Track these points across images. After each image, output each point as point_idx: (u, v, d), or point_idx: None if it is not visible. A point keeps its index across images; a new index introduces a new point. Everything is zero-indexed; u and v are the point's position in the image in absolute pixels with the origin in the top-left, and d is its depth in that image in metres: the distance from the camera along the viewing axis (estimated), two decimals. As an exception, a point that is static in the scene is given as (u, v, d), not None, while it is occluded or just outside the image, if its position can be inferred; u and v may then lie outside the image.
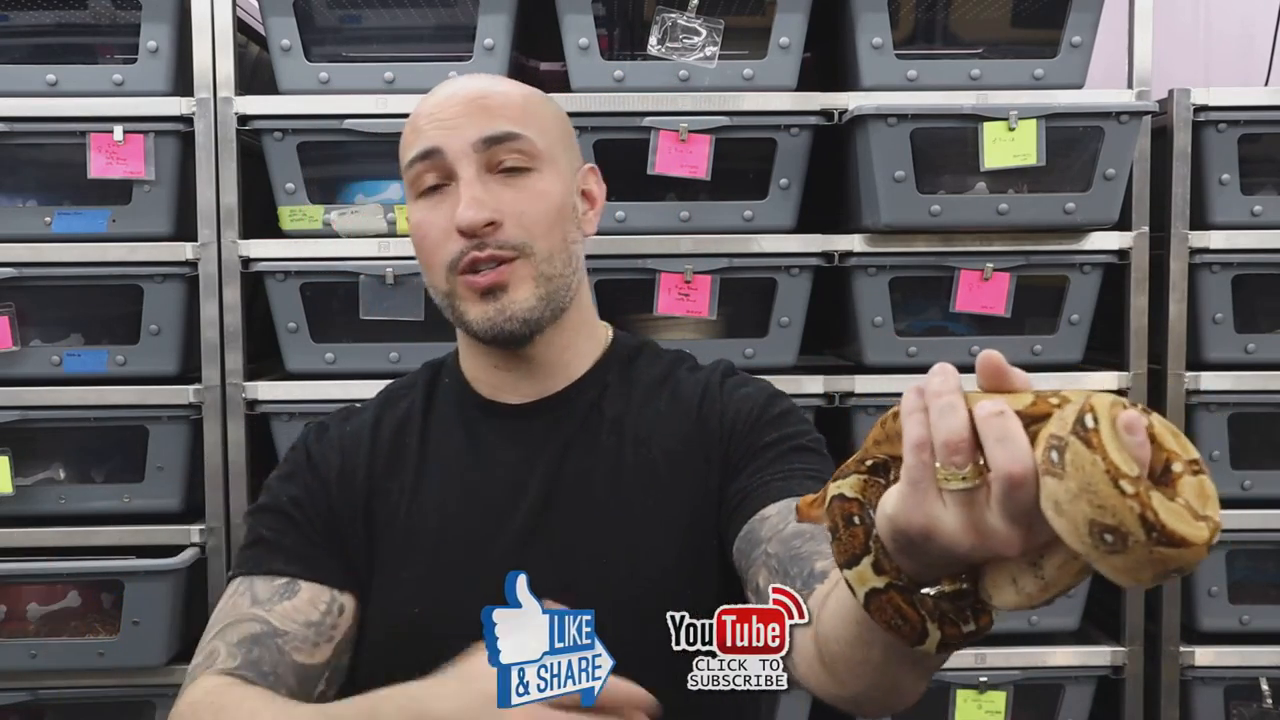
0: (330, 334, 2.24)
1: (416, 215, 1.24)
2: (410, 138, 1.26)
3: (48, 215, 2.20)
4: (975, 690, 2.25)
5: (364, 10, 2.27)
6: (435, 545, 1.24)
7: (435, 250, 1.22)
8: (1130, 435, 0.68)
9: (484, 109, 1.23)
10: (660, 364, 1.33)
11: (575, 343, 1.29)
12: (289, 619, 1.19)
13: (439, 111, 1.23)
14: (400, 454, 1.29)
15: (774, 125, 2.19)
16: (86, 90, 2.19)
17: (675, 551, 1.22)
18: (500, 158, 1.22)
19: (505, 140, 1.22)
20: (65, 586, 2.26)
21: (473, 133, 1.21)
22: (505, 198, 1.21)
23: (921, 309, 2.29)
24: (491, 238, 1.20)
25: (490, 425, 1.29)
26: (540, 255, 1.21)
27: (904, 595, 0.81)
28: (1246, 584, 2.35)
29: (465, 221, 1.18)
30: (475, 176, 1.21)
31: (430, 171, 1.23)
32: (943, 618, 0.82)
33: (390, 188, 2.25)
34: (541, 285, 1.22)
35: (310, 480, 1.28)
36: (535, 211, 1.21)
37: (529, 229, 1.21)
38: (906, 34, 2.34)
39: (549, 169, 1.24)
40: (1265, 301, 2.32)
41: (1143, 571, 0.69)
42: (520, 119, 1.24)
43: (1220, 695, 2.29)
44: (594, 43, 2.19)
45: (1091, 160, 2.17)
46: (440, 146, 1.22)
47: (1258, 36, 2.79)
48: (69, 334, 2.27)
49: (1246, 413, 2.28)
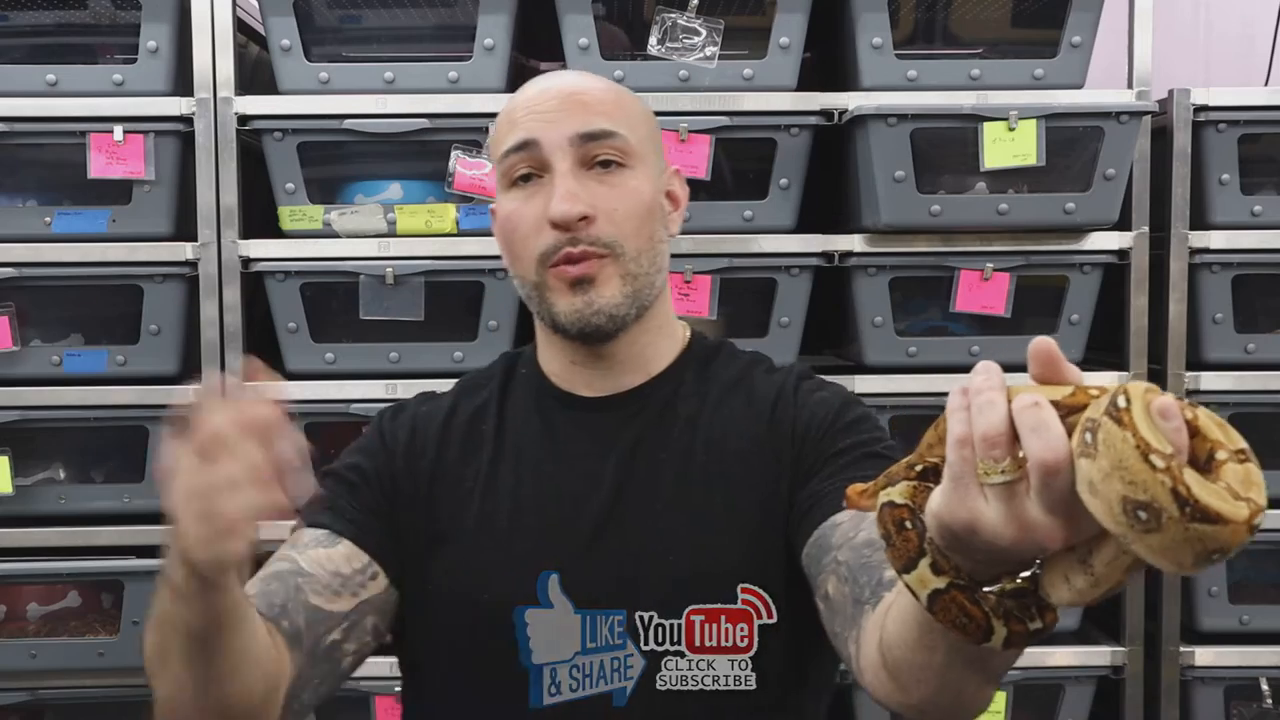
0: (330, 334, 2.24)
1: (508, 206, 1.25)
2: (505, 129, 1.25)
3: (48, 215, 2.20)
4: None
5: (364, 10, 2.27)
6: (509, 532, 1.25)
7: (526, 241, 1.22)
8: (1165, 420, 0.68)
9: (581, 104, 1.23)
10: (736, 365, 1.33)
11: (655, 341, 1.29)
12: (318, 564, 1.20)
13: (536, 104, 1.23)
14: (475, 440, 1.30)
15: (774, 125, 2.19)
16: (86, 90, 2.19)
17: (741, 552, 1.22)
18: (595, 153, 1.22)
19: (601, 137, 1.22)
20: (65, 586, 2.26)
21: (570, 127, 1.22)
22: (599, 193, 1.21)
23: (921, 309, 2.29)
24: (584, 233, 1.20)
25: (567, 416, 1.29)
26: (629, 254, 1.22)
27: (966, 593, 0.81)
28: (1246, 584, 2.35)
29: (559, 214, 1.19)
30: (570, 170, 1.21)
31: (524, 163, 1.23)
32: (1007, 615, 0.82)
33: (390, 188, 2.25)
34: (628, 284, 1.22)
35: (377, 454, 1.30)
36: (626, 209, 1.22)
37: (620, 226, 1.21)
38: (906, 34, 2.34)
39: (640, 167, 1.25)
40: (1265, 301, 2.32)
41: (1182, 552, 0.68)
42: (615, 116, 1.24)
43: (1220, 695, 2.29)
44: (594, 43, 2.19)
45: (1091, 160, 2.17)
46: (537, 138, 1.22)
47: (1258, 36, 2.79)
48: (69, 334, 2.27)
49: (1246, 413, 2.28)
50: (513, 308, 2.21)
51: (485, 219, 2.19)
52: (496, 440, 1.29)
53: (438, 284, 2.21)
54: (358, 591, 1.21)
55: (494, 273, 2.19)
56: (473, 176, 2.17)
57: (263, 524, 0.91)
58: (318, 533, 1.23)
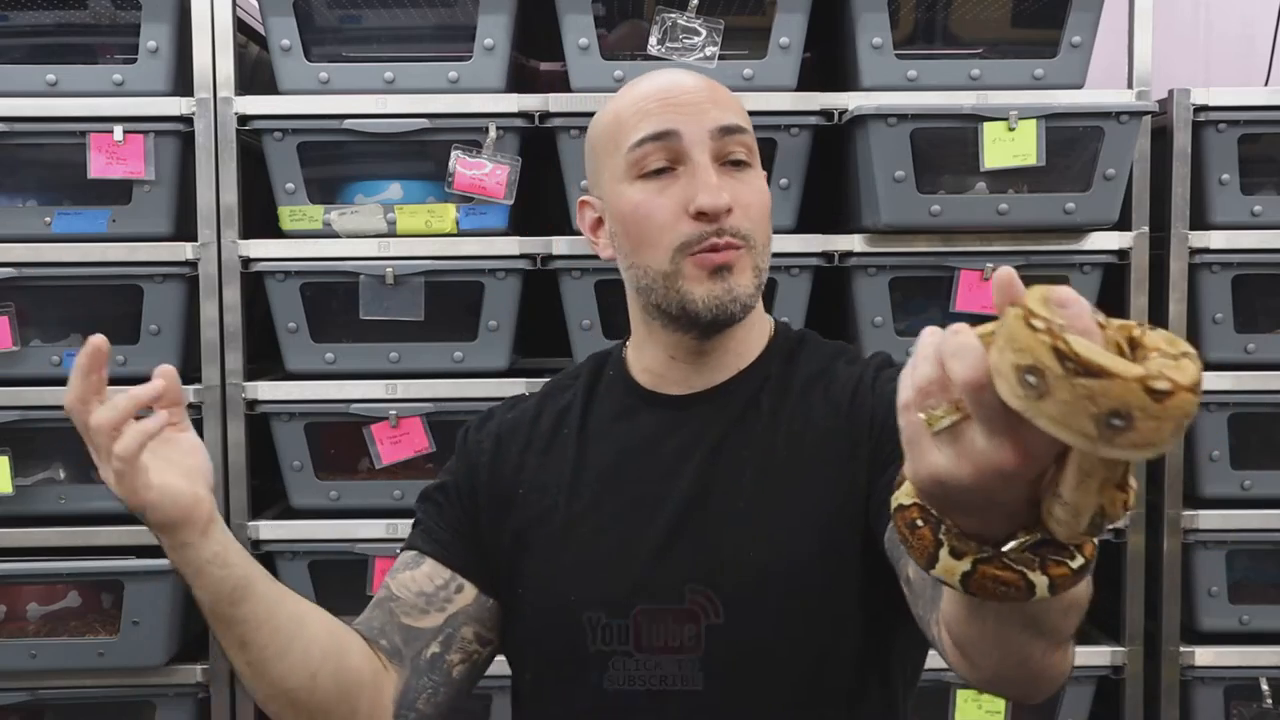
0: (330, 334, 2.24)
1: (638, 196, 1.24)
2: (632, 119, 1.25)
3: (48, 215, 2.20)
4: (975, 690, 2.25)
5: (364, 10, 2.27)
6: (593, 532, 1.27)
7: (662, 232, 1.23)
8: (1063, 308, 0.69)
9: (716, 100, 1.25)
10: (819, 356, 1.34)
11: (749, 336, 1.31)
12: (405, 587, 1.29)
13: (670, 95, 1.24)
14: (559, 444, 1.32)
15: (774, 125, 2.19)
16: (86, 90, 2.19)
17: (818, 546, 1.22)
18: (729, 149, 1.24)
19: (736, 132, 1.25)
20: (65, 586, 2.26)
21: (710, 120, 1.23)
22: (735, 188, 1.23)
23: (921, 309, 2.29)
24: (726, 223, 1.22)
25: (651, 414, 1.30)
26: (759, 248, 1.25)
27: (992, 564, 0.81)
28: (1246, 584, 2.35)
29: (711, 205, 1.20)
30: (710, 163, 1.23)
31: (660, 153, 1.23)
32: (1043, 563, 0.80)
33: (390, 188, 2.25)
34: (757, 276, 1.25)
35: (460, 470, 1.35)
36: (758, 205, 1.25)
37: (754, 221, 1.24)
38: (906, 34, 2.34)
39: (758, 167, 1.29)
40: (1265, 301, 2.32)
41: (1078, 417, 0.67)
42: (742, 114, 1.27)
43: (1220, 695, 2.29)
44: (594, 43, 2.19)
45: (1091, 160, 2.17)
46: (677, 129, 1.23)
47: (1258, 36, 2.79)
48: (69, 334, 2.27)
49: (1246, 413, 2.28)
50: (513, 308, 2.21)
51: (485, 219, 2.19)
52: (579, 445, 1.31)
53: (438, 284, 2.21)
54: (444, 606, 1.28)
55: (494, 273, 2.19)
56: (473, 176, 2.17)
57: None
58: (408, 555, 1.32)
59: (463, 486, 1.33)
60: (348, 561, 2.17)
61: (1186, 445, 2.28)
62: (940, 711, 2.27)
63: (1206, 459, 2.28)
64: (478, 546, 1.30)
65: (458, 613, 1.28)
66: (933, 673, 2.23)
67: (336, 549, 2.20)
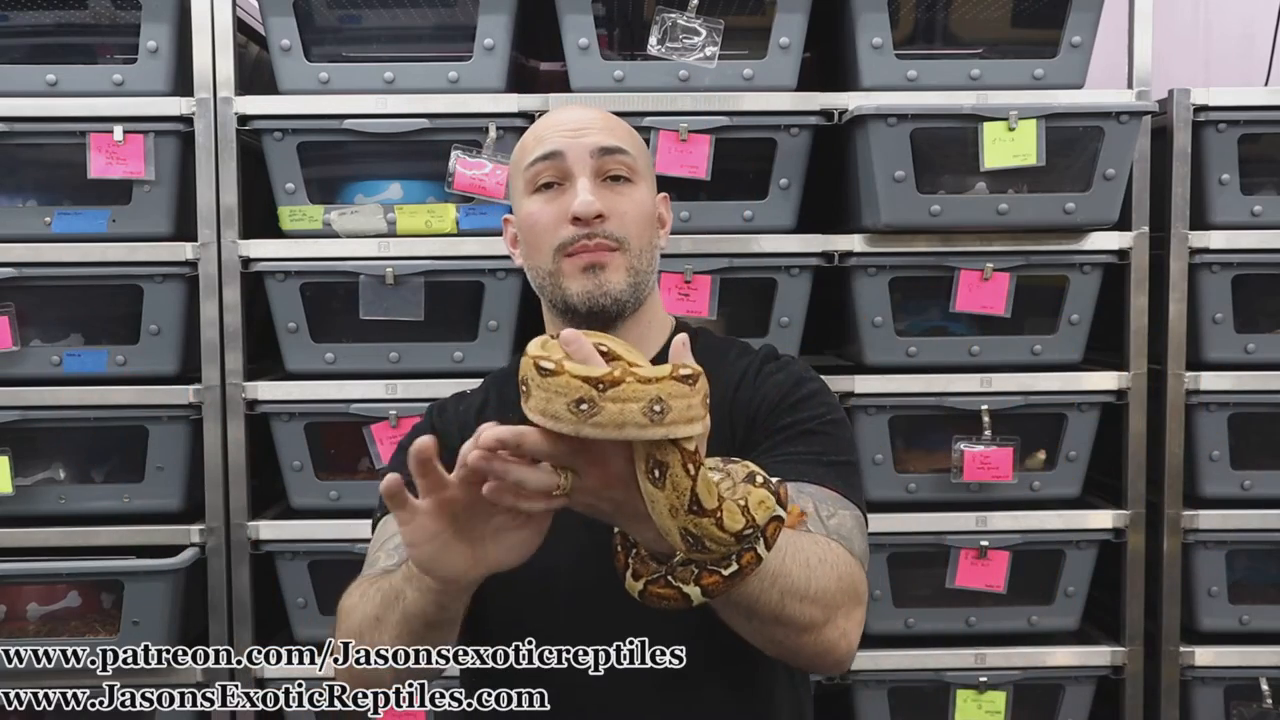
0: (330, 334, 2.23)
1: (531, 207, 1.44)
2: (532, 143, 1.45)
3: (48, 215, 2.20)
4: (975, 690, 2.25)
5: (364, 10, 2.27)
6: None
7: (545, 234, 1.42)
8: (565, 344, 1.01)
9: (600, 127, 1.45)
10: (712, 351, 1.48)
11: (646, 334, 1.46)
12: (400, 551, 1.34)
13: (562, 124, 1.44)
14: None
15: (774, 125, 2.19)
16: (86, 90, 2.19)
17: None
18: (610, 167, 1.42)
19: (616, 152, 1.43)
20: (65, 586, 2.26)
21: (591, 141, 1.42)
22: (612, 199, 1.41)
23: (921, 309, 2.29)
24: (599, 228, 1.40)
25: None
26: (634, 250, 1.42)
27: (658, 584, 1.06)
28: (1246, 584, 2.35)
29: (582, 209, 1.38)
30: (589, 178, 1.41)
31: (549, 171, 1.42)
32: (699, 575, 1.05)
33: (390, 188, 2.25)
34: (631, 275, 1.41)
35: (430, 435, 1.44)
36: (634, 214, 1.42)
37: (628, 227, 1.41)
38: (906, 34, 2.34)
39: (643, 184, 1.46)
40: (1265, 301, 2.32)
41: (550, 402, 0.97)
42: (627, 141, 1.46)
43: (1220, 695, 2.29)
44: (594, 43, 2.19)
45: (1091, 160, 2.16)
46: (563, 150, 1.42)
47: (1258, 36, 2.79)
48: (69, 334, 2.27)
49: (1246, 413, 2.28)
50: (513, 308, 2.21)
51: (485, 219, 2.19)
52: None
53: (438, 284, 2.21)
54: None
55: (494, 273, 2.19)
56: (473, 176, 2.17)
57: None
58: (392, 523, 1.38)
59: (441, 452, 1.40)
60: (348, 561, 2.17)
61: (1187, 445, 2.28)
62: (940, 711, 2.27)
63: (1206, 459, 2.28)
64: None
65: None
66: (932, 672, 2.26)
67: (336, 549, 2.20)
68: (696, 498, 0.97)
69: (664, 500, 0.97)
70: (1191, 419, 2.28)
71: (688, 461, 0.97)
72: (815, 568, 1.18)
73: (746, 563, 1.04)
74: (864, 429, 2.22)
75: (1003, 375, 2.23)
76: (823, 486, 1.32)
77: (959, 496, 2.24)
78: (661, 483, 0.97)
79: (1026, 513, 2.25)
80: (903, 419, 2.25)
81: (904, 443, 2.28)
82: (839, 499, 1.32)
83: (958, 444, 2.22)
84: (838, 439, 1.39)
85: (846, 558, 1.25)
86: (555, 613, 1.35)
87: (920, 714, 2.28)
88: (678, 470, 0.97)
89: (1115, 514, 2.26)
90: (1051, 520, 2.25)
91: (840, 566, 1.22)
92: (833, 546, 1.24)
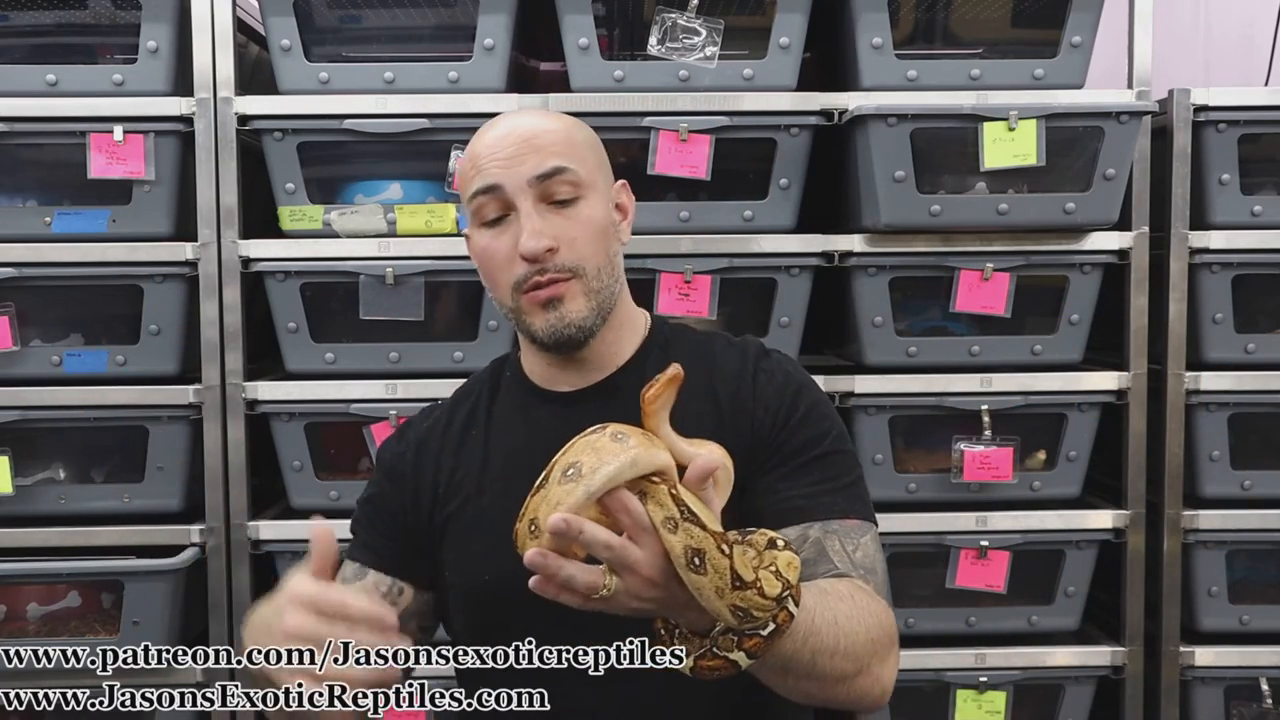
0: (330, 334, 2.24)
1: (482, 241, 1.41)
2: (470, 173, 1.41)
3: (48, 215, 2.20)
4: (975, 690, 2.25)
5: (364, 10, 2.27)
6: (499, 519, 1.35)
7: (500, 272, 1.40)
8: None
9: (536, 148, 1.38)
10: (695, 342, 1.48)
11: (620, 336, 1.46)
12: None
13: (496, 150, 1.39)
14: (468, 444, 1.47)
15: (774, 125, 2.19)
16: (86, 90, 2.19)
17: None
18: (552, 190, 1.38)
19: (556, 174, 1.38)
20: (65, 586, 2.26)
21: (528, 170, 1.37)
22: (560, 225, 1.38)
23: (921, 309, 2.29)
24: (550, 261, 1.37)
25: (545, 411, 1.46)
26: (590, 274, 1.39)
27: (705, 657, 1.10)
28: (1246, 584, 2.35)
29: (529, 250, 1.35)
30: (533, 209, 1.37)
31: (491, 204, 1.39)
32: (740, 640, 1.09)
33: (390, 188, 2.25)
34: (592, 299, 1.39)
35: (385, 481, 1.50)
36: (585, 236, 1.38)
37: (580, 251, 1.38)
38: (906, 34, 2.34)
39: (592, 194, 1.41)
40: (1265, 301, 2.32)
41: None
42: (567, 153, 1.39)
43: (1220, 695, 2.29)
44: (594, 43, 2.19)
45: (1091, 160, 2.16)
46: (500, 183, 1.38)
47: (1258, 36, 2.79)
48: (69, 334, 2.27)
49: (1246, 413, 2.28)
50: (513, 308, 2.21)
51: (485, 219, 2.19)
52: (486, 442, 1.47)
53: (438, 284, 2.21)
54: (390, 609, 1.34)
55: (494, 273, 2.19)
56: (473, 176, 2.17)
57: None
58: (353, 567, 1.48)
59: (389, 497, 1.49)
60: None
61: (1187, 445, 2.28)
62: (940, 712, 2.27)
63: (1206, 459, 2.28)
64: (409, 549, 1.47)
65: (403, 612, 1.42)
66: (932, 672, 2.26)
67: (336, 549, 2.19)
68: (737, 574, 1.04)
69: (709, 584, 1.04)
70: (1191, 419, 2.28)
71: (720, 544, 1.04)
72: (843, 624, 1.20)
73: (782, 621, 1.09)
74: (864, 429, 2.22)
75: (1003, 375, 2.23)
76: (846, 519, 1.35)
77: (959, 496, 2.24)
78: (702, 569, 1.03)
79: (1026, 513, 2.25)
80: (903, 419, 2.25)
81: (904, 443, 2.28)
82: (859, 525, 1.35)
83: (958, 444, 2.22)
84: (845, 455, 1.41)
85: (874, 606, 1.26)
86: (514, 622, 1.34)
87: (920, 714, 2.28)
88: (714, 554, 1.03)
89: (1115, 514, 2.26)
90: (1051, 520, 2.25)
91: (869, 618, 1.24)
92: (859, 597, 1.25)
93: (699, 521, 1.03)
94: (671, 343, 1.48)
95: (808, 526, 1.33)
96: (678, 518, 1.03)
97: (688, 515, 1.03)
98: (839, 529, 1.34)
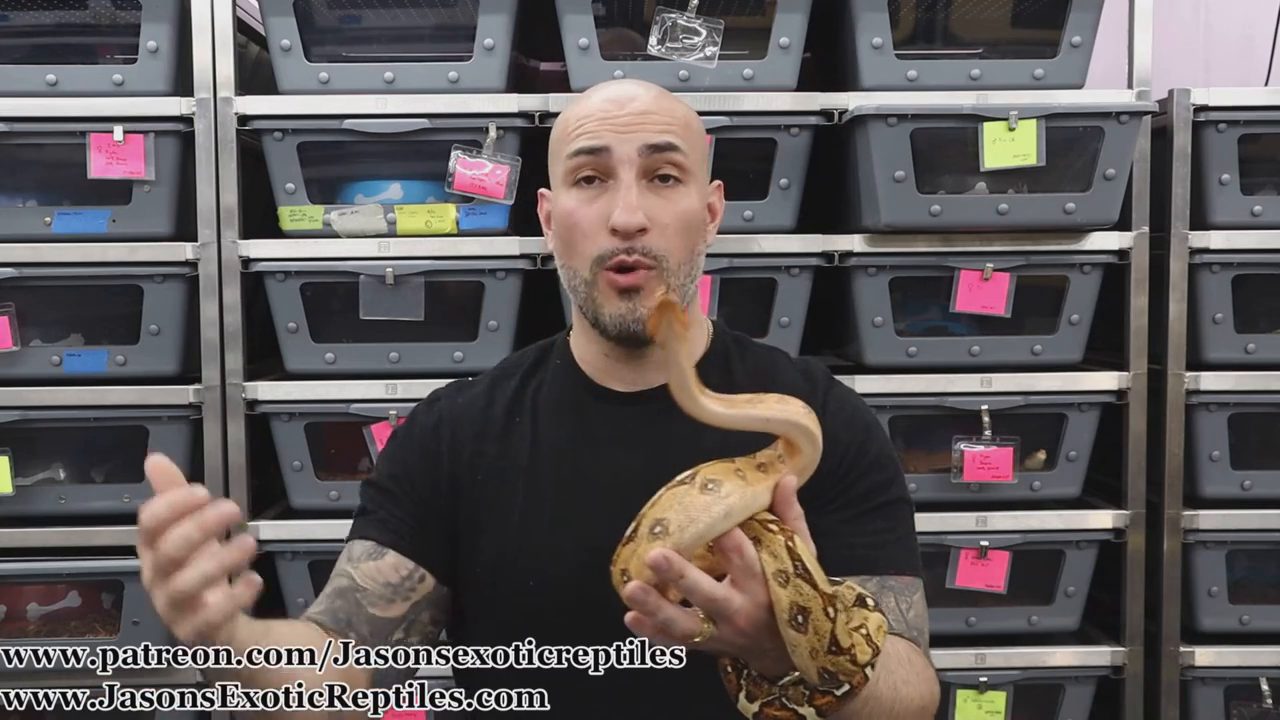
0: (330, 334, 2.24)
1: (569, 203, 1.33)
2: (573, 129, 1.33)
3: (48, 215, 2.20)
4: (975, 690, 2.25)
5: (364, 10, 2.27)
6: (551, 523, 1.34)
7: (584, 241, 1.32)
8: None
9: (652, 120, 1.32)
10: (758, 357, 1.43)
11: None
12: (370, 577, 1.35)
13: (610, 112, 1.32)
14: (514, 433, 1.39)
15: (774, 125, 2.19)
16: (86, 90, 2.19)
17: None
18: (658, 166, 1.31)
19: (666, 150, 1.31)
20: (65, 586, 2.26)
21: (641, 138, 1.30)
22: (656, 205, 1.30)
23: (921, 309, 2.29)
24: (639, 242, 1.29)
25: (600, 410, 1.38)
26: (672, 267, 1.31)
27: (773, 705, 1.07)
28: (1246, 584, 2.35)
29: (621, 224, 1.28)
30: (634, 181, 1.30)
31: (591, 166, 1.32)
32: (812, 696, 1.06)
33: (390, 188, 2.25)
34: (668, 295, 1.30)
35: (412, 457, 1.40)
36: (677, 224, 1.31)
37: (670, 240, 1.31)
38: (906, 34, 2.34)
39: (693, 184, 1.34)
40: (1265, 301, 2.32)
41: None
42: (681, 134, 1.33)
43: (1220, 695, 2.29)
44: (594, 43, 2.19)
45: (1091, 160, 2.17)
46: (609, 146, 1.30)
47: (1258, 36, 2.79)
48: (69, 334, 2.27)
49: (1246, 413, 2.28)
50: (513, 308, 2.21)
51: (485, 219, 2.20)
52: (534, 433, 1.38)
53: (438, 284, 2.21)
54: (409, 595, 1.36)
55: (494, 273, 2.19)
56: (473, 176, 2.17)
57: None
58: (366, 545, 1.37)
59: (416, 474, 1.38)
60: (348, 561, 2.17)
61: (1187, 445, 2.28)
62: (940, 712, 2.27)
63: (1206, 459, 2.28)
64: (434, 533, 1.37)
65: (420, 600, 1.36)
66: (933, 673, 2.25)
67: (337, 549, 2.13)
68: (836, 639, 1.01)
69: (805, 643, 1.00)
70: (1191, 419, 2.28)
71: (828, 606, 1.00)
72: (901, 690, 1.17)
73: (858, 683, 1.05)
74: (864, 429, 2.22)
75: (1003, 375, 2.23)
76: (902, 575, 1.33)
77: (959, 496, 2.24)
78: (804, 628, 1.00)
79: (1026, 513, 2.25)
80: (903, 419, 2.25)
81: (904, 443, 2.28)
82: (912, 582, 1.34)
83: (958, 444, 2.22)
84: (905, 505, 1.37)
85: (927, 672, 1.25)
86: (552, 624, 1.32)
87: (920, 714, 2.28)
88: (819, 615, 1.00)
89: (1115, 514, 2.26)
90: (1051, 520, 2.25)
91: (923, 685, 1.22)
92: (916, 661, 1.24)
93: (811, 580, 1.00)
94: (732, 353, 1.42)
95: (865, 580, 1.28)
96: (790, 572, 0.99)
97: (800, 571, 0.99)
98: (895, 585, 1.31)
